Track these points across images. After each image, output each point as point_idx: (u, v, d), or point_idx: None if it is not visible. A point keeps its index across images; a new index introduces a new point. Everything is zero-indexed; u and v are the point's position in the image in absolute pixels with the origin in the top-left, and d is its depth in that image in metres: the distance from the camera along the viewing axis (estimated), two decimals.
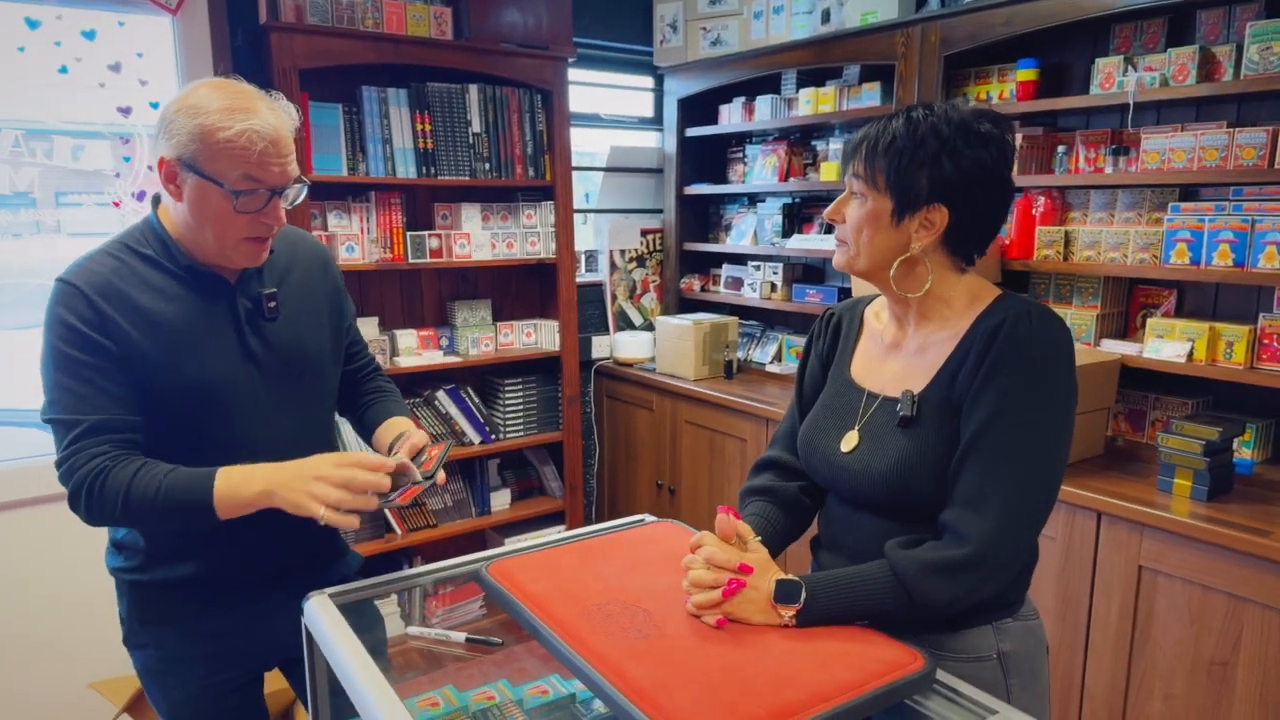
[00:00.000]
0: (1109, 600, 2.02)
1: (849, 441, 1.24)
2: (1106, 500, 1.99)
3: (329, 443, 1.53)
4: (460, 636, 1.30)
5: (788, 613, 1.11)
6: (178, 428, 1.34)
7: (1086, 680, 2.08)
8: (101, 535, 1.50)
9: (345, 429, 2.67)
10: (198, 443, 1.34)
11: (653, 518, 1.66)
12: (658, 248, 3.83)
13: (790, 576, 1.13)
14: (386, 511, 1.39)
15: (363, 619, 1.36)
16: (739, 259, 3.62)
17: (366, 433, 1.63)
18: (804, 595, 1.11)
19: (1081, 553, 2.06)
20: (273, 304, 1.41)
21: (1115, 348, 2.34)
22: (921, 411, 1.18)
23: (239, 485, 1.26)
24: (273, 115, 1.30)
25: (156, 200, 1.39)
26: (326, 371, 1.52)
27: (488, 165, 3.00)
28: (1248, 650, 1.80)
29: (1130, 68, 2.25)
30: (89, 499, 1.27)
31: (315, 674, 1.33)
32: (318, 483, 1.24)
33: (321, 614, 1.28)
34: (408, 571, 1.40)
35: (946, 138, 1.13)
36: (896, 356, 1.26)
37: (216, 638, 1.46)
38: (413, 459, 1.39)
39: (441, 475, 1.37)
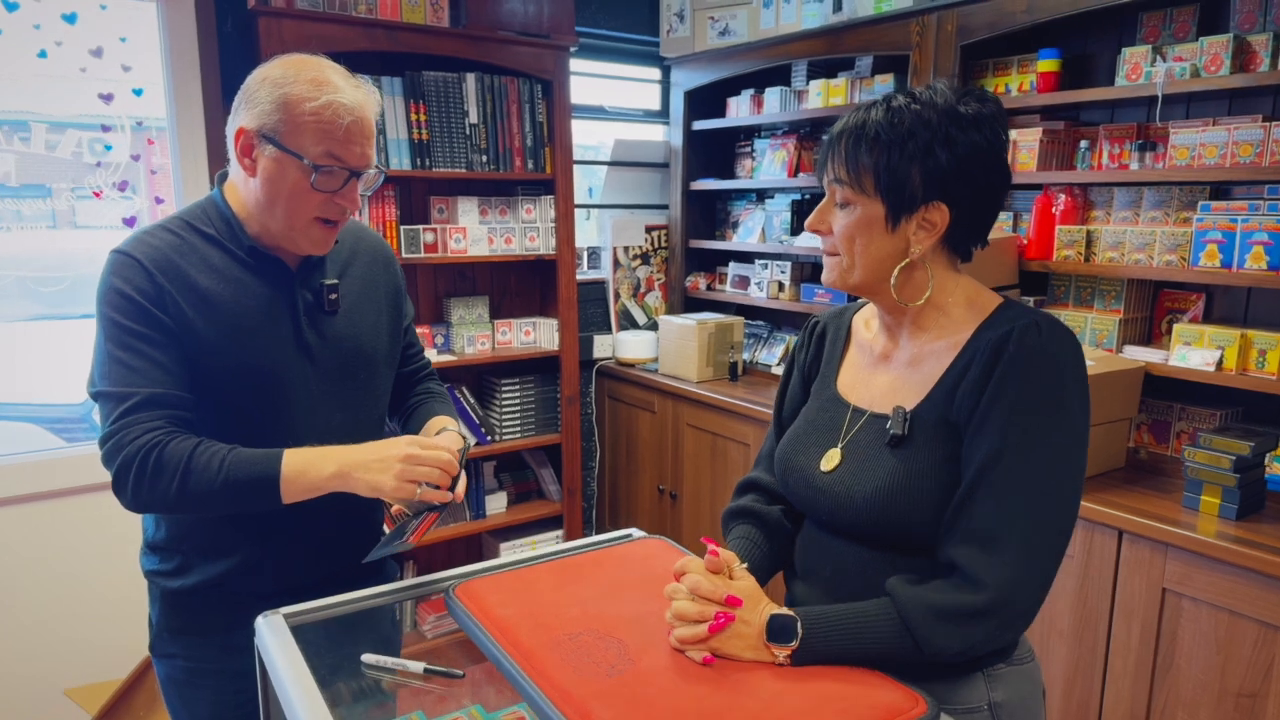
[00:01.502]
0: (1129, 624, 1.90)
1: (830, 460, 1.13)
2: (1128, 518, 1.87)
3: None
4: (419, 666, 1.20)
5: (782, 652, 1.00)
6: (226, 417, 1.28)
7: (1104, 707, 1.96)
8: (80, 540, 1.41)
9: None
10: (245, 434, 1.26)
11: (640, 533, 1.55)
12: (663, 245, 3.72)
13: (784, 611, 1.02)
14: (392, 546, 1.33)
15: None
16: (746, 257, 3.51)
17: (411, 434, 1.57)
18: (800, 633, 1.00)
19: (1101, 572, 1.94)
20: (333, 296, 1.36)
21: (1139, 355, 2.21)
22: (914, 430, 1.07)
23: (310, 464, 1.20)
24: (359, 94, 1.26)
25: (223, 177, 1.34)
26: (381, 371, 1.46)
27: (485, 157, 2.90)
28: (1279, 682, 1.68)
29: (1159, 58, 2.12)
30: (139, 475, 1.18)
31: (268, 701, 1.24)
32: (405, 463, 1.18)
33: (271, 636, 1.18)
34: (370, 591, 1.31)
35: (936, 126, 1.02)
36: (886, 369, 1.15)
37: (250, 652, 1.37)
38: None
39: (461, 486, 1.29)
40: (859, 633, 1.00)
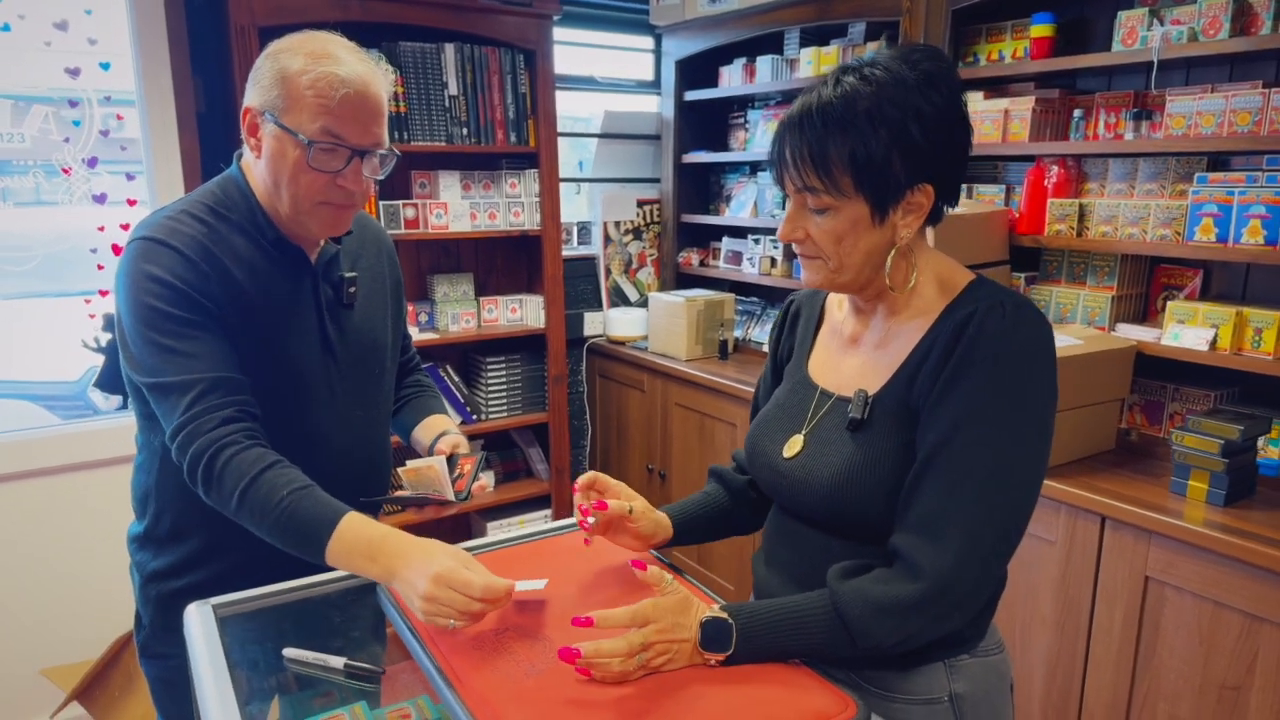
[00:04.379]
0: (1112, 611, 1.84)
1: (792, 446, 1.09)
2: (1111, 503, 1.80)
3: (385, 442, 1.46)
4: (339, 662, 1.16)
5: (715, 659, 0.96)
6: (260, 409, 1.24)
7: (1086, 695, 1.91)
8: (52, 519, 1.39)
9: None
10: (270, 432, 1.21)
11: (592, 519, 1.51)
12: (655, 219, 3.65)
13: (717, 614, 0.97)
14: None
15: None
16: (740, 232, 3.43)
17: (403, 430, 1.55)
18: (734, 638, 0.95)
19: (1083, 559, 1.88)
20: (352, 289, 1.34)
21: (1132, 333, 2.13)
22: (874, 415, 1.02)
23: (362, 551, 1.09)
24: (362, 66, 1.20)
25: (238, 156, 1.29)
26: (388, 367, 1.45)
27: (466, 130, 2.83)
28: (1263, 675, 1.62)
29: (1156, 21, 2.02)
30: (206, 474, 1.14)
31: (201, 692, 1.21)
32: (435, 603, 1.02)
33: (197, 623, 1.15)
34: (302, 581, 1.27)
35: (903, 101, 0.94)
36: (855, 352, 1.10)
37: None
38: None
39: (477, 484, 1.29)
40: (795, 630, 0.96)
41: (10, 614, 2.41)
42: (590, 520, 1.14)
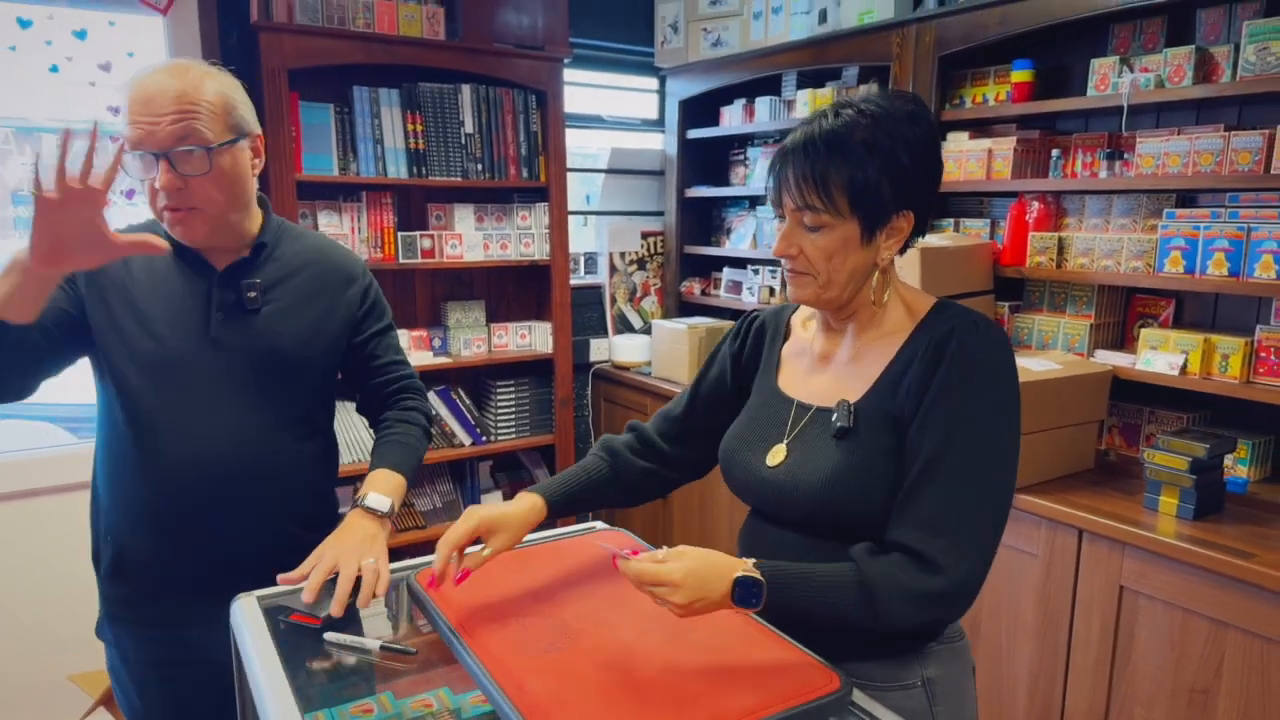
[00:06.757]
0: (1089, 621, 1.94)
1: (775, 456, 1.17)
2: (1088, 517, 1.92)
3: (308, 444, 1.52)
4: (375, 644, 1.27)
5: (742, 613, 1.04)
6: (130, 397, 1.37)
7: (1067, 703, 2.01)
8: (81, 528, 1.51)
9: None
10: (147, 416, 1.36)
11: (604, 525, 1.63)
12: (658, 250, 3.80)
13: (751, 573, 1.01)
14: None
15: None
16: (740, 262, 3.58)
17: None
18: (765, 594, 1.01)
19: (1063, 571, 1.98)
20: (253, 294, 1.41)
21: (1109, 358, 2.26)
22: (858, 422, 1.12)
23: None
24: (165, 74, 1.27)
25: None
26: (306, 378, 1.49)
27: (480, 166, 2.99)
28: (1229, 678, 1.72)
29: (1126, 69, 2.17)
30: None
31: (243, 683, 1.32)
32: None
33: (246, 616, 1.27)
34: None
35: (894, 132, 1.07)
36: (827, 368, 1.21)
37: (175, 645, 1.46)
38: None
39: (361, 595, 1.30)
40: (821, 592, 1.02)
41: (39, 621, 2.51)
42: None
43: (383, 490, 1.46)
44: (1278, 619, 1.64)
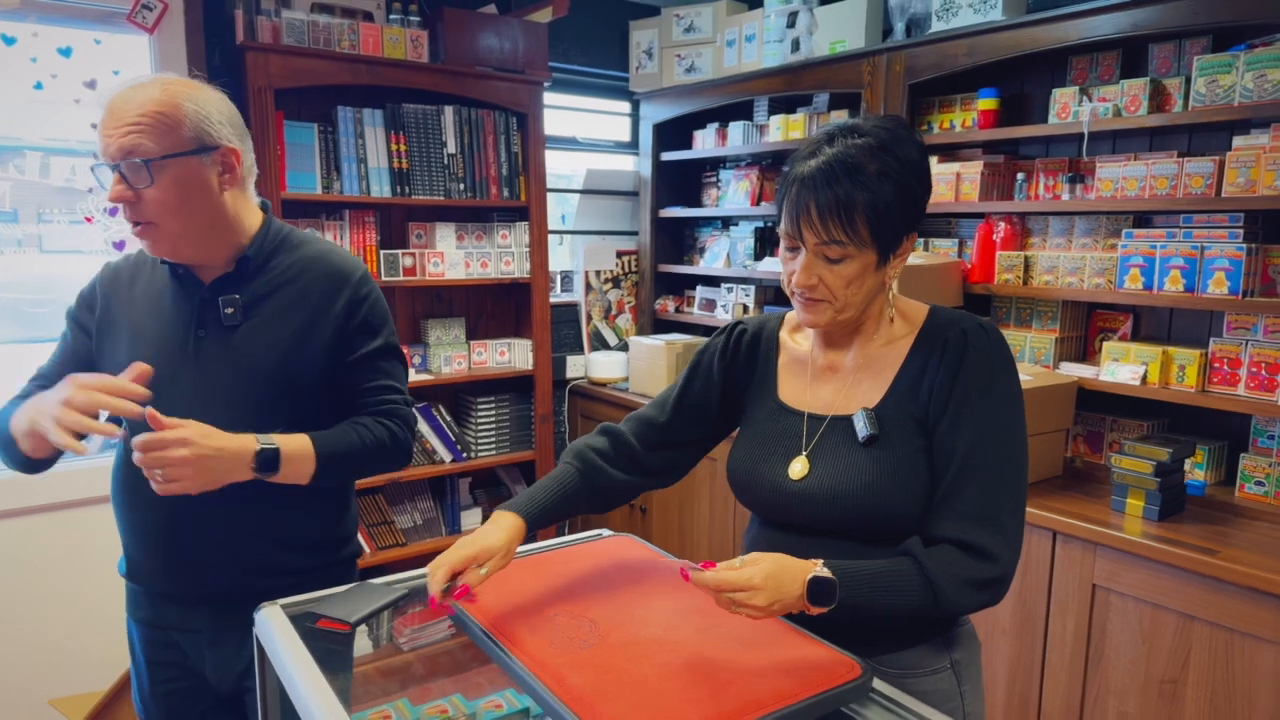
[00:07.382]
0: (1064, 619, 2.04)
1: (797, 468, 1.19)
2: (1061, 520, 2.02)
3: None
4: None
5: (817, 612, 1.06)
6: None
7: (1044, 699, 2.10)
8: (63, 552, 1.52)
9: None
10: (138, 430, 1.32)
11: (610, 532, 1.68)
12: (633, 269, 3.87)
13: (824, 573, 1.04)
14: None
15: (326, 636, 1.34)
16: (713, 281, 3.67)
17: None
18: (838, 594, 1.04)
19: (1038, 572, 2.09)
20: (230, 310, 1.38)
21: (1073, 370, 2.38)
22: (884, 427, 1.16)
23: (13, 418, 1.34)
24: (133, 88, 1.28)
25: None
26: (292, 394, 1.43)
27: (462, 186, 3.03)
28: (1196, 669, 1.83)
29: (1085, 98, 2.32)
30: None
31: (266, 691, 1.33)
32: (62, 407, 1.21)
33: (274, 625, 1.29)
34: (370, 582, 1.41)
35: (903, 157, 1.11)
36: (833, 378, 1.24)
37: (169, 647, 1.47)
38: None
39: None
40: (888, 587, 1.07)
41: (20, 644, 2.46)
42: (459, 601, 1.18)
43: (285, 442, 1.36)
44: (1241, 611, 1.75)
